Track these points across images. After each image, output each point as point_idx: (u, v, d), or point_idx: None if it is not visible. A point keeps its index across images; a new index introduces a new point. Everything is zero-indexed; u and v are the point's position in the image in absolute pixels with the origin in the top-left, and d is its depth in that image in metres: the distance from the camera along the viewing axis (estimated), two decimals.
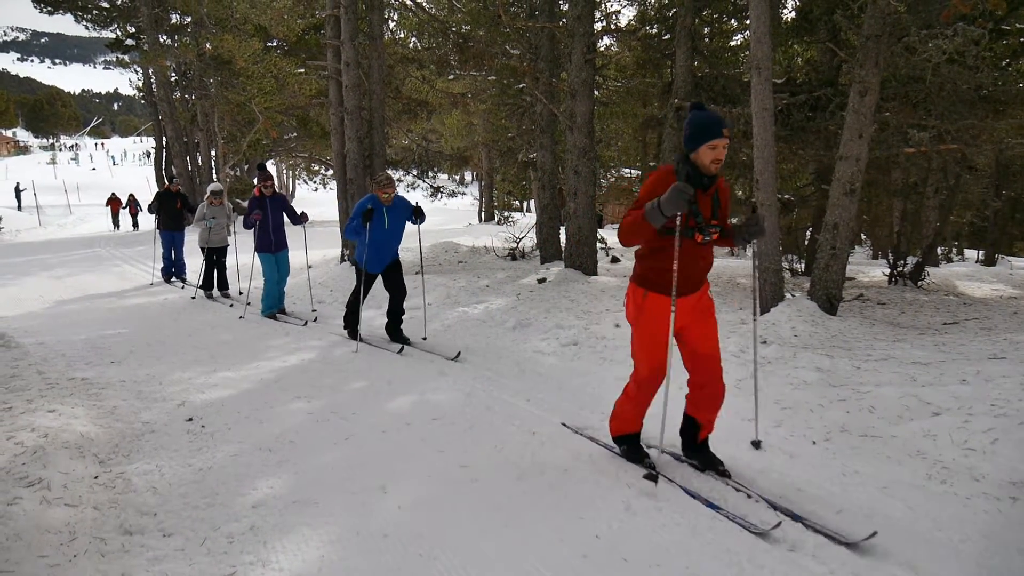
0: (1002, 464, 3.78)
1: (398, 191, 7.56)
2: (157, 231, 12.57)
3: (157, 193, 12.69)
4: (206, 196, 10.77)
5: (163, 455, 4.26)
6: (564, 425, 4.79)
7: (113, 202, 28.86)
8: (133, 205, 27.86)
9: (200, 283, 10.95)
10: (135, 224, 28.19)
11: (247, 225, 8.77)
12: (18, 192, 36.48)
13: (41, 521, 3.16)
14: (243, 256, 11.32)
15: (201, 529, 3.34)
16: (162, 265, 12.73)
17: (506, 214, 29.17)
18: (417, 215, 7.33)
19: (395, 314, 7.55)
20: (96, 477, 3.79)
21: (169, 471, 4.01)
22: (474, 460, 4.18)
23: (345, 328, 7.86)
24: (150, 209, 12.35)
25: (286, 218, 9.25)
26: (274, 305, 9.16)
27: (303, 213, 9.31)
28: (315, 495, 3.71)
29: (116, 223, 28.27)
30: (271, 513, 3.51)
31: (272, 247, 9.05)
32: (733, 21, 12.98)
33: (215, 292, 10.97)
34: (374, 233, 7.16)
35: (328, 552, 3.15)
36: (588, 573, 2.98)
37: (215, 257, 10.87)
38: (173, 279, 12.66)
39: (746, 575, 2.93)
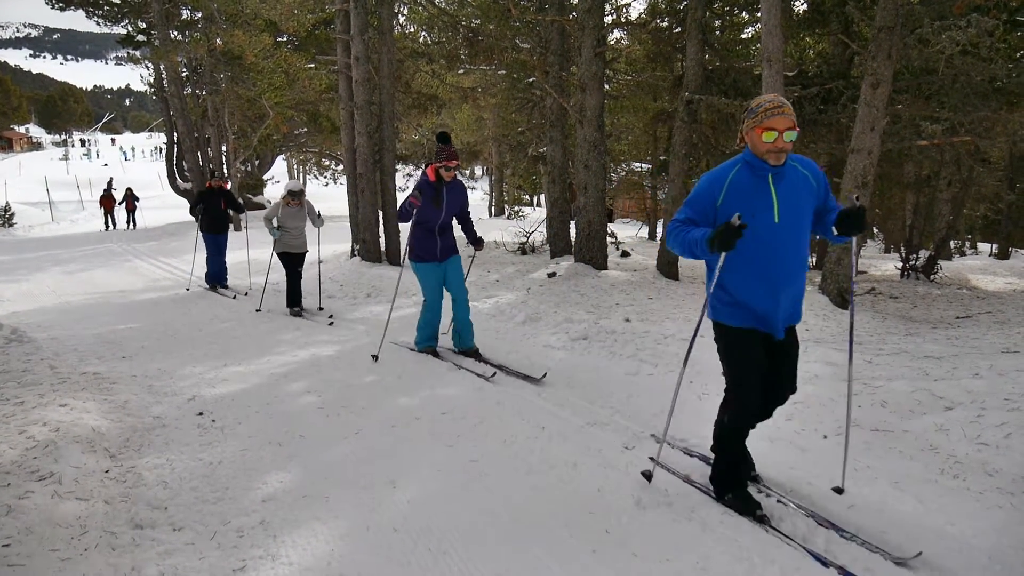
0: (1015, 459, 3.74)
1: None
2: (199, 233, 11.35)
3: (200, 192, 11.56)
4: (281, 196, 9.05)
5: (173, 449, 4.28)
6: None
7: (106, 200, 25.85)
8: (131, 200, 25.70)
9: (287, 299, 9.20)
10: (131, 222, 25.70)
11: (403, 217, 6.21)
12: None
13: (52, 515, 3.18)
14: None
15: (211, 523, 3.35)
16: (206, 270, 11.35)
17: (516, 208, 29.24)
18: None
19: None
20: (107, 471, 3.81)
21: (179, 465, 4.02)
22: (483, 455, 4.17)
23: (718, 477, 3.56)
24: (192, 210, 11.42)
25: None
26: (433, 337, 6.66)
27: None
28: (325, 489, 3.72)
29: (110, 223, 25.73)
30: (281, 507, 3.52)
31: (438, 253, 6.40)
32: (744, 14, 12.93)
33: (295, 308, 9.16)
34: (748, 246, 3.13)
35: (338, 546, 3.15)
36: (597, 568, 2.97)
37: (294, 266, 9.15)
38: (219, 288, 11.20)
39: (757, 570, 2.91)
